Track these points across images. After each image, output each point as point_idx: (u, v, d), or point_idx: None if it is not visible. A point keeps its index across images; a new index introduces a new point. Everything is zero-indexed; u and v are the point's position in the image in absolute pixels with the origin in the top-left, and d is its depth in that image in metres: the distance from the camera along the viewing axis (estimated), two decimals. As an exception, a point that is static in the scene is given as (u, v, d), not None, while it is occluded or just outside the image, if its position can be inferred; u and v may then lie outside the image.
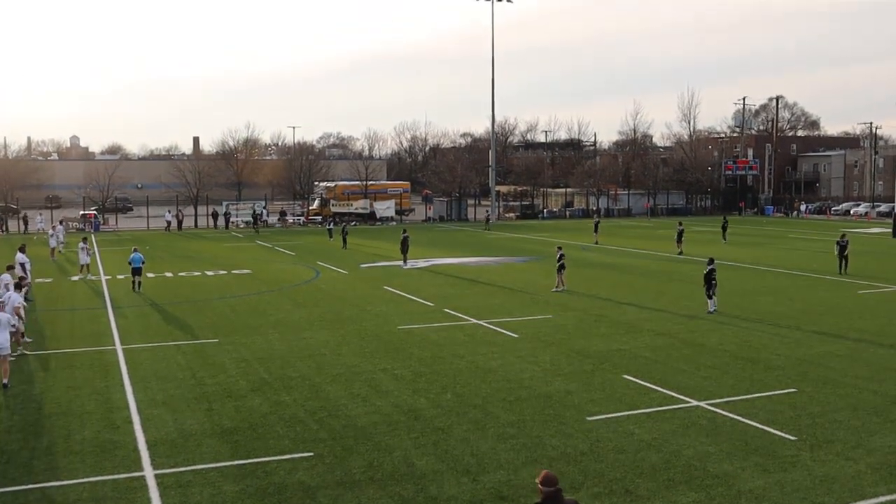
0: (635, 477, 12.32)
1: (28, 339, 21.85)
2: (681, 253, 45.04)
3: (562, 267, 31.45)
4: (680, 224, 48.99)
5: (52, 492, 11.87)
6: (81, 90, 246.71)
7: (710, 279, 26.32)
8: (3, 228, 67.59)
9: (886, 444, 13.78)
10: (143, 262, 32.69)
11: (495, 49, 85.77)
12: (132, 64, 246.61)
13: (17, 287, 22.54)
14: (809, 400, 16.36)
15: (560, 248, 32.37)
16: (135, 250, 33.16)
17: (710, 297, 26.41)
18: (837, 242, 37.06)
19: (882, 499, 11.55)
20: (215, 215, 72.93)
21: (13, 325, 18.86)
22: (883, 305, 28.19)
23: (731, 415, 15.30)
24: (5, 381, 17.42)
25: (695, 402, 16.12)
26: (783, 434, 14.21)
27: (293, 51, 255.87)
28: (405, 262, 40.80)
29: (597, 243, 51.99)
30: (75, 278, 35.99)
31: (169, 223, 69.27)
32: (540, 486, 7.59)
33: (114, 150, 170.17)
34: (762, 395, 16.72)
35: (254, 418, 15.24)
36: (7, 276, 25.46)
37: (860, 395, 16.70)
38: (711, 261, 27.02)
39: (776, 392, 16.91)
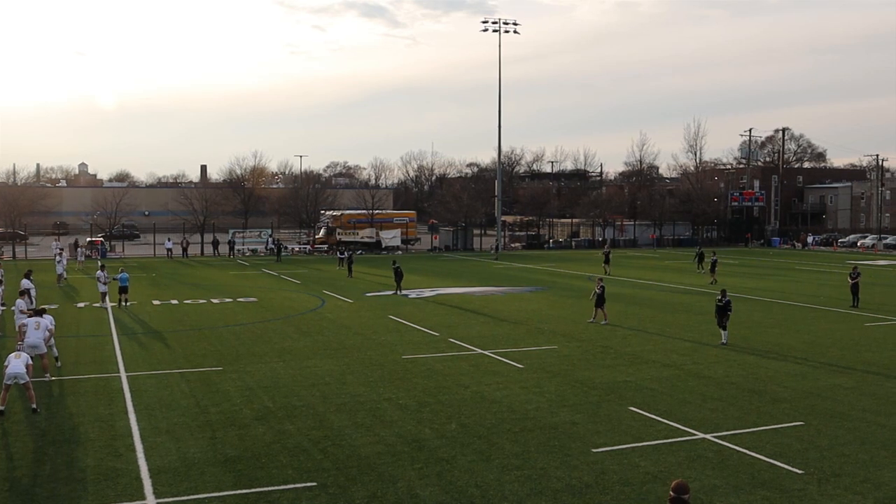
0: (641, 510, 12.20)
1: (57, 365, 22.07)
2: (713, 282, 45.22)
3: (601, 300, 30.71)
4: (714, 254, 51.16)
5: (54, 520, 11.80)
6: (90, 117, 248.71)
7: (724, 311, 26.17)
8: (12, 254, 67.79)
9: (895, 478, 13.64)
10: (126, 282, 35.69)
11: (502, 80, 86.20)
12: (141, 92, 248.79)
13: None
14: (817, 433, 16.24)
15: (601, 280, 32.06)
16: (122, 270, 36.90)
17: (724, 328, 26.25)
18: (850, 276, 36.92)
19: (891, 534, 11.41)
20: (216, 243, 72.95)
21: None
22: (890, 338, 28.04)
23: (737, 448, 15.18)
24: (33, 405, 17.57)
25: (701, 435, 16.00)
26: (790, 468, 14.09)
27: (301, 80, 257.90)
28: (399, 290, 40.77)
29: (608, 274, 51.55)
30: (81, 305, 36.00)
31: (169, 251, 69.48)
32: (671, 492, 8.44)
33: (122, 177, 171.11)
34: (769, 427, 16.60)
35: (257, 447, 15.17)
36: (21, 303, 25.72)
37: (868, 429, 16.57)
38: (724, 293, 26.89)
39: (783, 425, 16.79)
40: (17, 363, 17.47)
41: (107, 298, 36.38)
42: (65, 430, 16.28)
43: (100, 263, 44.75)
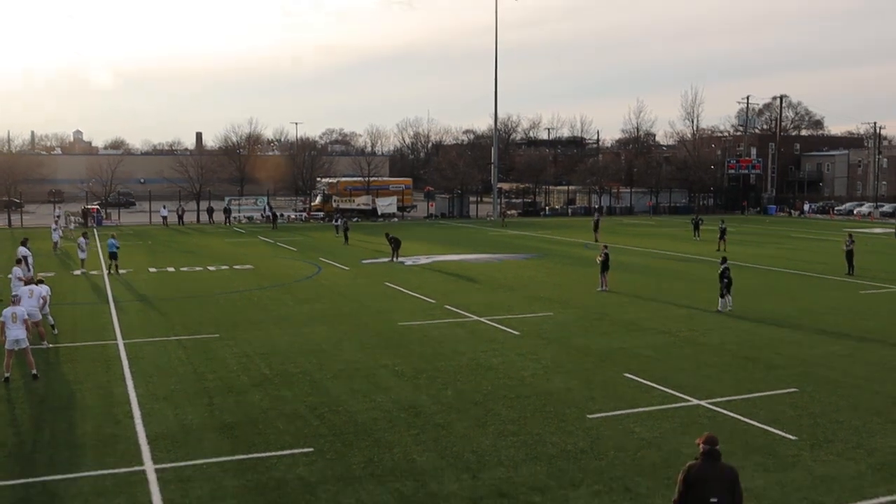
0: (635, 475, 12.32)
1: (54, 332, 22.06)
2: (718, 249, 44.86)
3: (605, 266, 30.80)
4: (722, 222, 50.65)
5: (54, 485, 11.89)
6: (85, 85, 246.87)
7: (723, 278, 26.27)
8: (7, 222, 67.62)
9: (887, 444, 13.78)
10: (117, 248, 36.04)
11: (499, 46, 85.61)
12: (135, 59, 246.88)
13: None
14: (811, 400, 16.35)
15: (606, 247, 32.20)
16: (112, 237, 37.28)
17: (722, 296, 26.35)
18: (845, 244, 37.00)
19: (882, 499, 11.55)
20: (210, 211, 72.90)
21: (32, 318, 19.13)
22: (885, 305, 28.16)
23: (731, 414, 15.30)
24: (33, 371, 17.64)
25: (695, 401, 16.12)
26: (784, 434, 14.20)
27: (296, 47, 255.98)
28: (395, 257, 40.93)
29: (596, 241, 51.91)
30: (77, 272, 36.02)
31: (165, 218, 69.47)
32: (701, 443, 8.70)
33: (117, 144, 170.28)
34: (763, 394, 16.71)
35: (254, 413, 15.26)
36: (18, 270, 25.72)
37: (861, 396, 16.69)
38: (724, 260, 27.04)
39: (777, 391, 16.91)
40: (17, 327, 17.44)
41: (84, 264, 36.84)
42: (63, 397, 16.36)
43: (83, 232, 44.79)
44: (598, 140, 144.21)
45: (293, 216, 77.92)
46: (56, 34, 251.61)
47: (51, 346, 20.68)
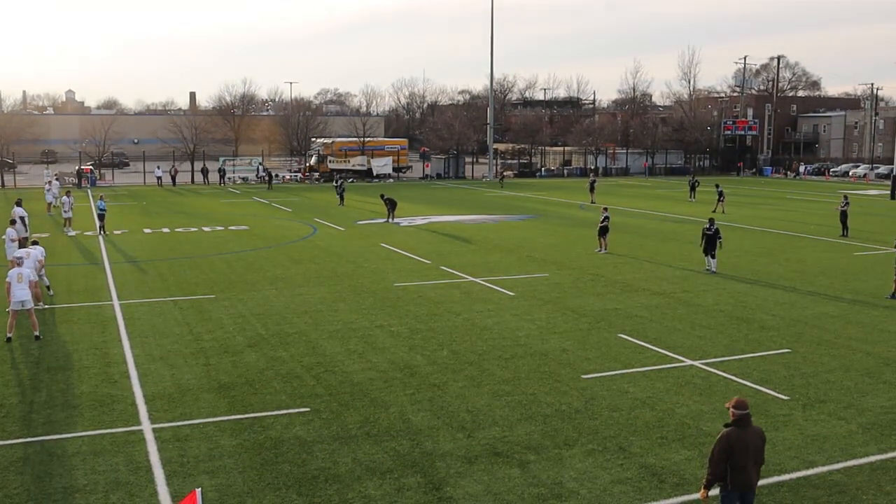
0: (629, 434, 12.44)
1: (50, 293, 22.05)
2: (723, 212, 45.06)
3: (605, 230, 30.77)
4: (718, 186, 50.86)
5: (51, 445, 11.97)
6: (77, 44, 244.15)
7: (713, 239, 26.33)
8: (0, 183, 67.25)
9: (878, 404, 13.91)
10: (103, 209, 36.27)
11: (495, 5, 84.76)
12: (128, 17, 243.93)
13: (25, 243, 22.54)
14: (803, 360, 16.47)
15: (606, 209, 32.10)
16: (100, 198, 37.29)
17: (713, 256, 26.42)
18: (840, 206, 37.02)
19: (872, 458, 11.67)
20: (205, 171, 72.58)
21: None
22: (878, 267, 28.25)
23: (725, 374, 15.41)
24: (36, 332, 17.66)
25: (689, 362, 16.22)
26: (776, 394, 14.33)
27: (291, 5, 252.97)
28: (391, 218, 41.11)
29: (593, 202, 51.99)
30: (71, 233, 35.95)
31: (159, 179, 69.14)
32: (732, 409, 8.64)
33: (110, 104, 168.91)
34: (756, 355, 16.82)
35: (251, 374, 15.33)
36: (12, 231, 25.62)
37: (853, 356, 16.82)
38: (712, 221, 27.09)
39: (770, 352, 17.02)
40: (21, 287, 17.42)
41: (69, 223, 36.97)
42: (59, 358, 16.40)
43: (66, 190, 44.73)
44: (594, 101, 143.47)
45: (288, 177, 77.73)
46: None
47: (46, 307, 20.70)
